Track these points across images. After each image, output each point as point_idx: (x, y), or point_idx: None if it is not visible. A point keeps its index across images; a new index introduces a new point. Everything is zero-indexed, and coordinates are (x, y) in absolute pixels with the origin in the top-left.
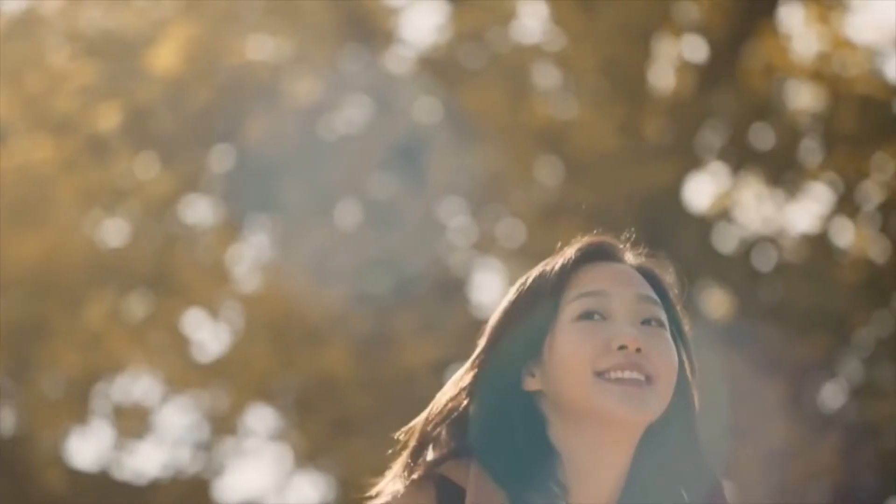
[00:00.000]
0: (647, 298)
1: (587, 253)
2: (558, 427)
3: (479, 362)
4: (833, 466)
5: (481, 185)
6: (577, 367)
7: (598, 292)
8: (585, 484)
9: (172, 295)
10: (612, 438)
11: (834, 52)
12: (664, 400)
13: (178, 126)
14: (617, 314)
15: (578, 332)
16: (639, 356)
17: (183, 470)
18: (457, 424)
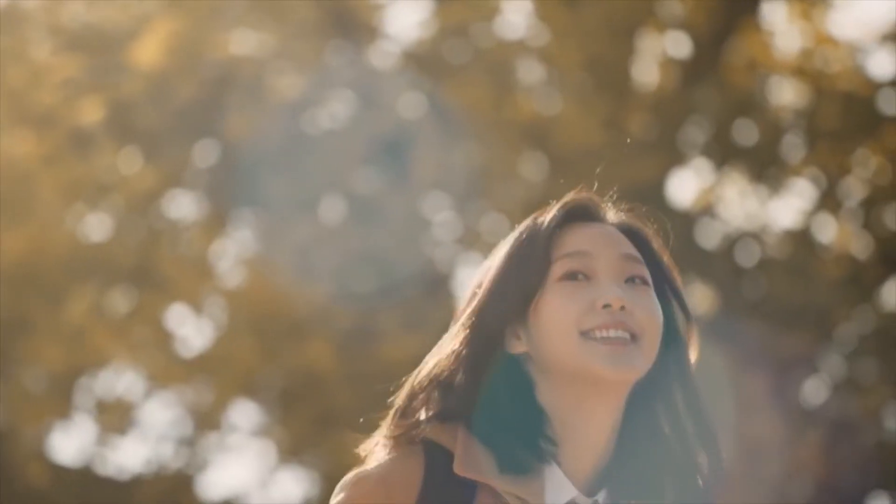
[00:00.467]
0: (630, 257)
1: (569, 213)
2: (545, 388)
3: (465, 325)
4: (815, 461)
5: (466, 181)
6: (563, 327)
7: (581, 253)
8: (574, 443)
9: (156, 290)
10: (599, 397)
11: (816, 48)
12: (649, 357)
13: (161, 121)
14: (601, 274)
15: (563, 293)
16: (623, 314)
17: (166, 465)
18: (444, 388)
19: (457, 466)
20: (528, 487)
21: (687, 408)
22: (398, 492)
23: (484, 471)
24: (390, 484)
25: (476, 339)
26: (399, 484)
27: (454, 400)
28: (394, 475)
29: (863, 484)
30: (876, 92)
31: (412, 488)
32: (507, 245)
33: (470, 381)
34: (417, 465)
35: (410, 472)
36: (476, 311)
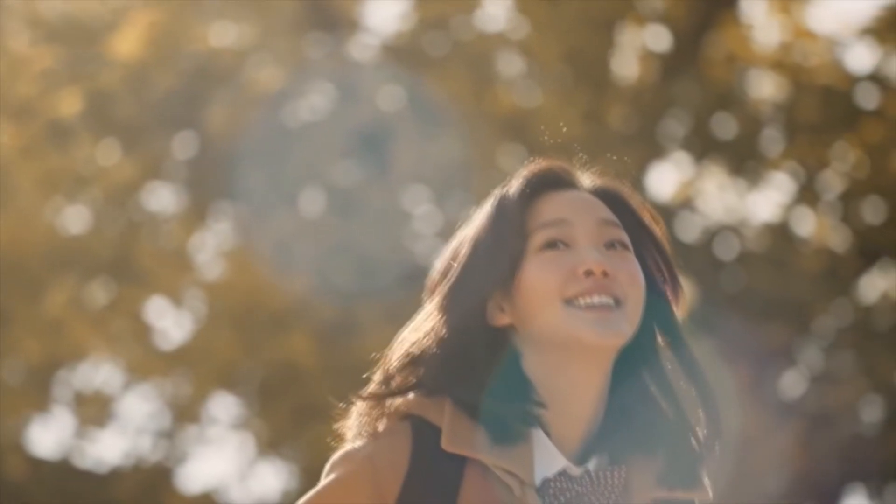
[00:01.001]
0: (608, 222)
1: (541, 182)
2: (532, 359)
3: (443, 302)
4: (793, 453)
5: (446, 173)
6: (546, 296)
7: (558, 221)
8: (563, 413)
9: (134, 282)
10: (585, 365)
11: (795, 41)
12: (634, 321)
13: (140, 113)
14: (580, 241)
15: (544, 263)
16: (606, 280)
17: (144, 458)
18: (426, 365)
19: (444, 442)
20: (518, 460)
21: (678, 366)
22: (386, 470)
23: (472, 446)
24: (378, 462)
25: (456, 315)
26: (387, 462)
27: (438, 375)
28: (381, 453)
29: (840, 476)
30: (854, 86)
31: (400, 466)
32: (479, 218)
33: (453, 356)
34: (405, 441)
35: (398, 449)
36: (453, 286)
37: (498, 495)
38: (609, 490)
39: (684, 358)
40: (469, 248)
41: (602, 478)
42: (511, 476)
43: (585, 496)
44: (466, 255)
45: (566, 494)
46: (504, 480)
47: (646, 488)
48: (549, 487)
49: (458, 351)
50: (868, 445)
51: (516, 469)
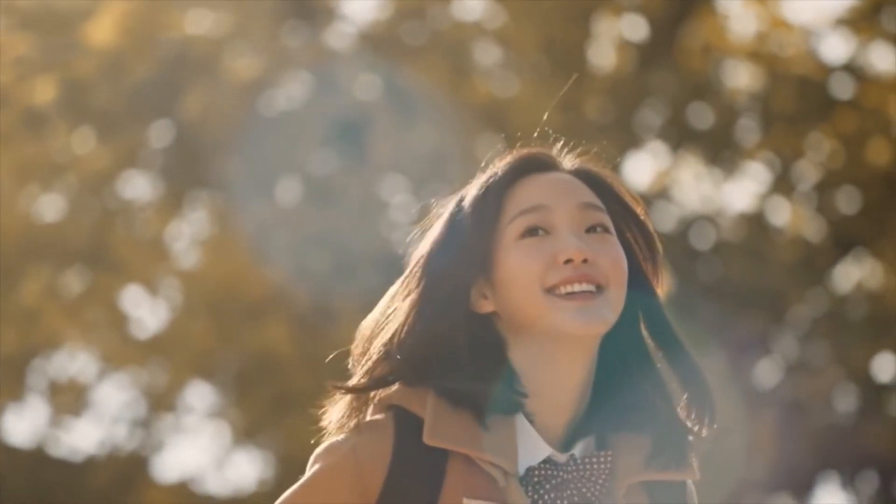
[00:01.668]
0: (589, 206)
1: (521, 167)
2: (515, 346)
3: (420, 290)
4: (767, 442)
5: (423, 163)
6: (527, 285)
7: (537, 207)
8: (547, 400)
9: (110, 271)
10: (568, 352)
11: (771, 32)
12: (617, 306)
13: (116, 101)
14: (560, 226)
15: (523, 251)
16: (586, 267)
17: (120, 447)
18: (410, 352)
19: (426, 436)
20: (501, 451)
21: (661, 348)
22: (369, 463)
23: (455, 438)
24: (361, 455)
25: (438, 302)
26: (369, 455)
27: (421, 365)
28: (364, 446)
29: (814, 464)
30: (829, 76)
31: (383, 459)
32: (457, 205)
33: (436, 344)
34: (387, 435)
35: (381, 442)
36: (434, 273)
37: (482, 486)
38: (596, 475)
39: (667, 339)
40: (448, 235)
41: (588, 463)
42: (495, 467)
43: (572, 482)
44: (445, 242)
45: (552, 481)
46: (488, 471)
47: (633, 472)
48: (533, 476)
49: (442, 339)
50: (842, 434)
51: (499, 460)
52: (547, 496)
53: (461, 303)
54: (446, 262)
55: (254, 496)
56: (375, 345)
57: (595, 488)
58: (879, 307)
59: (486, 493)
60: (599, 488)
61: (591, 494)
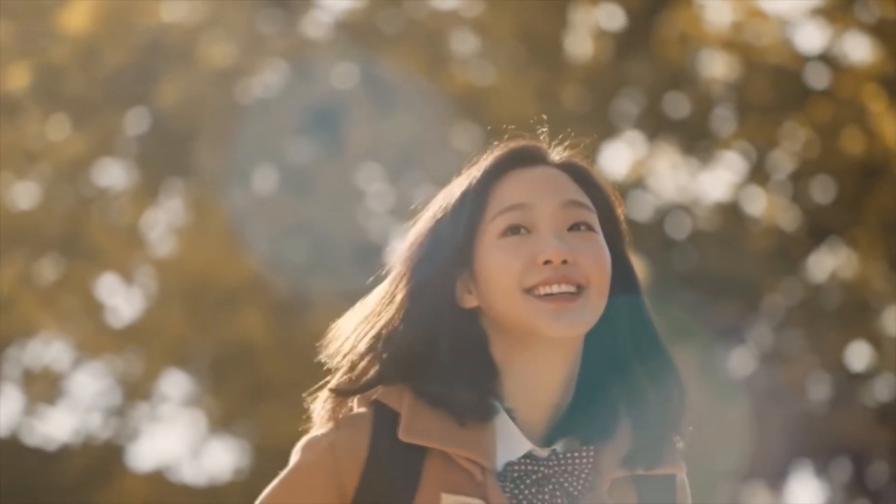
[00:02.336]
0: (572, 203)
1: (507, 160)
2: (497, 342)
3: (405, 286)
4: (742, 431)
5: (399, 151)
6: (506, 285)
7: (519, 205)
8: (528, 397)
9: (85, 259)
10: (547, 353)
11: (746, 22)
12: (598, 306)
13: (90, 88)
14: (541, 225)
15: (504, 250)
16: (565, 268)
17: (94, 435)
18: (392, 346)
19: (402, 432)
20: (478, 447)
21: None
22: (346, 459)
23: (431, 435)
24: (338, 451)
25: (419, 299)
26: (347, 451)
27: (401, 360)
28: (341, 442)
29: (789, 452)
30: (804, 66)
31: (360, 455)
32: (444, 198)
33: (419, 338)
34: (365, 431)
35: (358, 438)
36: (416, 271)
37: (461, 482)
38: (579, 470)
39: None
40: (434, 230)
41: (570, 458)
42: (472, 463)
43: (553, 477)
44: (430, 237)
45: (532, 476)
46: (465, 467)
47: (617, 467)
48: (513, 471)
49: (425, 333)
50: (816, 422)
51: (476, 456)
52: (528, 491)
53: (446, 297)
54: (432, 257)
55: (229, 485)
56: (361, 341)
57: (578, 483)
58: (853, 296)
59: (464, 488)
60: (582, 483)
61: (574, 489)
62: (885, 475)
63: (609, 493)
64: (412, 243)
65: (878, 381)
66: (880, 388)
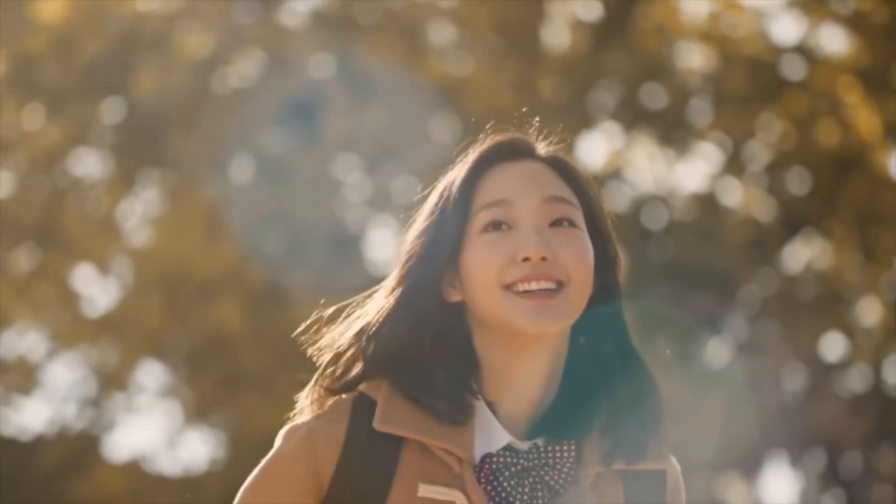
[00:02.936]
0: (554, 199)
1: (492, 155)
2: (480, 337)
3: (395, 281)
4: (717, 421)
5: (376, 142)
6: (486, 281)
7: (501, 201)
8: (509, 391)
9: (60, 249)
10: (528, 347)
11: (723, 13)
12: (578, 302)
13: (65, 77)
14: (522, 221)
15: (484, 246)
16: (545, 265)
17: (69, 426)
18: (376, 337)
19: (376, 421)
20: (456, 439)
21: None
22: (322, 447)
23: (406, 425)
24: (315, 439)
25: (406, 294)
26: (323, 439)
27: (383, 351)
28: (319, 430)
29: (763, 442)
30: (780, 57)
31: (336, 444)
32: (435, 195)
33: (403, 330)
34: (343, 420)
35: (335, 426)
36: (405, 265)
37: (438, 472)
38: (560, 464)
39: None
40: (426, 226)
41: (551, 452)
42: (448, 454)
43: (534, 470)
44: (418, 234)
45: (511, 468)
46: (442, 459)
47: (600, 461)
48: (491, 463)
49: (409, 325)
50: (790, 413)
51: (453, 447)
52: (506, 483)
53: (432, 292)
54: (423, 253)
55: (205, 475)
56: (346, 333)
57: (560, 477)
58: (828, 287)
59: (442, 479)
60: (564, 477)
61: (556, 483)
62: (858, 465)
63: (593, 487)
64: (409, 240)
65: (852, 371)
66: (854, 379)
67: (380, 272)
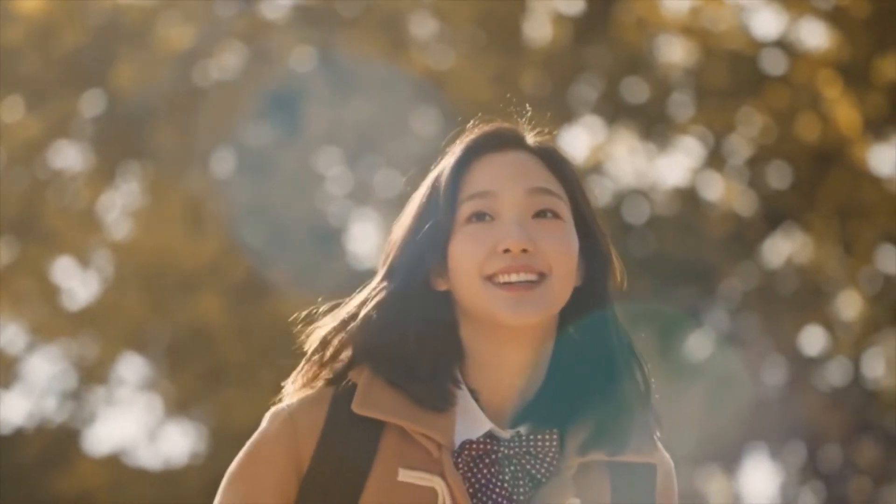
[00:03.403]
0: (539, 190)
1: (479, 145)
2: (465, 326)
3: (383, 271)
4: (697, 414)
5: (358, 135)
6: (468, 272)
7: (484, 193)
8: (492, 380)
9: (40, 241)
10: (509, 338)
11: (704, 7)
12: (560, 293)
13: (45, 69)
14: (505, 213)
15: (467, 237)
16: (525, 257)
17: (49, 419)
18: (362, 325)
19: (356, 404)
20: (436, 424)
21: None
22: (303, 430)
23: (385, 408)
24: (297, 421)
25: (394, 282)
26: (304, 421)
27: (368, 337)
28: (300, 413)
29: (743, 435)
30: (760, 51)
31: (316, 426)
32: (426, 184)
33: (389, 317)
34: (324, 403)
35: (316, 409)
36: (393, 255)
37: (419, 458)
38: (543, 453)
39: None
40: (410, 216)
41: (533, 440)
42: (428, 439)
43: (515, 458)
44: (407, 223)
45: (492, 456)
46: (422, 444)
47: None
48: (471, 449)
49: (396, 312)
50: (770, 406)
51: (432, 432)
52: (486, 470)
53: (419, 280)
54: (412, 242)
55: (186, 469)
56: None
57: (542, 466)
58: (808, 281)
59: (422, 464)
60: (547, 466)
61: (538, 473)
62: (838, 459)
63: (579, 479)
64: (398, 229)
65: (831, 365)
66: (834, 373)
67: (362, 266)
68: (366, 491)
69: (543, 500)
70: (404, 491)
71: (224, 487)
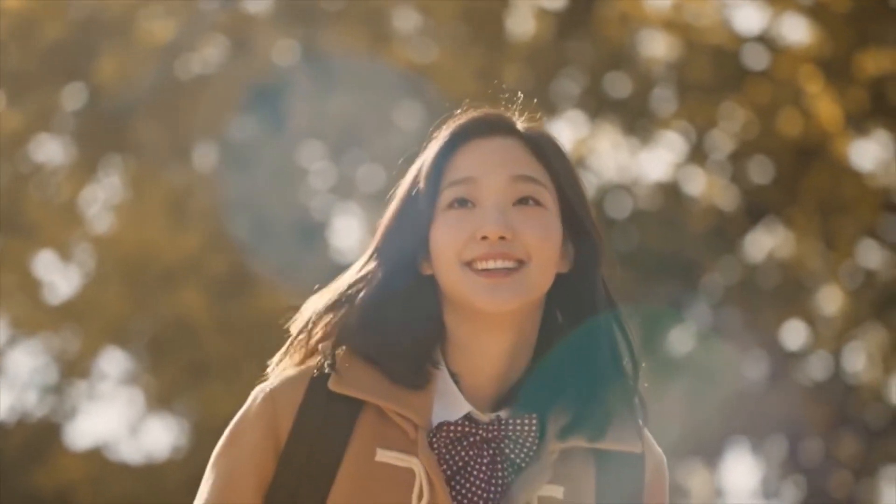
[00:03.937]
0: (521, 178)
1: (465, 131)
2: (447, 310)
3: (368, 256)
4: (679, 408)
5: (341, 129)
6: (447, 258)
7: (466, 179)
8: (473, 364)
9: (22, 235)
10: (488, 324)
11: (686, 2)
12: (539, 280)
13: (27, 62)
14: (485, 200)
15: (448, 223)
16: (503, 244)
17: (31, 413)
18: (347, 306)
19: (332, 383)
20: (412, 404)
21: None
22: (282, 408)
23: (362, 387)
24: (277, 400)
25: (378, 265)
26: (283, 399)
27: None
28: (280, 392)
29: (725, 429)
30: (743, 47)
31: (293, 404)
32: (414, 169)
33: (371, 302)
34: (303, 381)
35: (295, 387)
36: (379, 239)
37: (396, 438)
38: (523, 437)
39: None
40: (397, 200)
41: (513, 425)
42: (404, 419)
43: (494, 441)
44: (394, 208)
45: (469, 438)
46: (399, 424)
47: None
48: (449, 431)
49: (378, 293)
50: (752, 399)
51: (408, 412)
52: (464, 452)
53: (404, 264)
54: (399, 227)
55: (167, 463)
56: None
57: (521, 451)
58: (790, 275)
59: (399, 444)
60: (527, 451)
61: (517, 456)
62: (819, 452)
63: (560, 465)
64: (387, 213)
65: (812, 359)
66: (815, 367)
67: (345, 260)
68: (341, 470)
69: (523, 485)
70: (382, 471)
71: (210, 465)
